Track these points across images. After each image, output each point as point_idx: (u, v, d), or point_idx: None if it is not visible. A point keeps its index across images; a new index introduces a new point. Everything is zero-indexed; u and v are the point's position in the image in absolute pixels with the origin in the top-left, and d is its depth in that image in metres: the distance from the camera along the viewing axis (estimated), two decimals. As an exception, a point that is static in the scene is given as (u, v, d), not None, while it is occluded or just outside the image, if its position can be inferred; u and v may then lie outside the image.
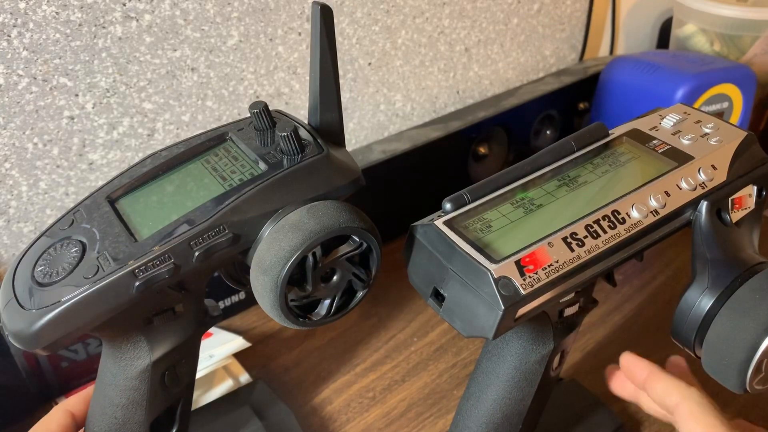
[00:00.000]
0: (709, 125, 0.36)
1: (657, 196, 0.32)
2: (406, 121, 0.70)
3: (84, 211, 0.32)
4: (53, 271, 0.30)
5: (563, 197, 0.33)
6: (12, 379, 0.48)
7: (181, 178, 0.34)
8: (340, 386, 0.52)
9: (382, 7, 0.62)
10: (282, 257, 0.31)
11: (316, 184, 0.33)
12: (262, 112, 0.34)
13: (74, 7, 0.46)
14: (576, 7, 0.80)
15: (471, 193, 0.32)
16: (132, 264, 0.29)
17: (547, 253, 0.29)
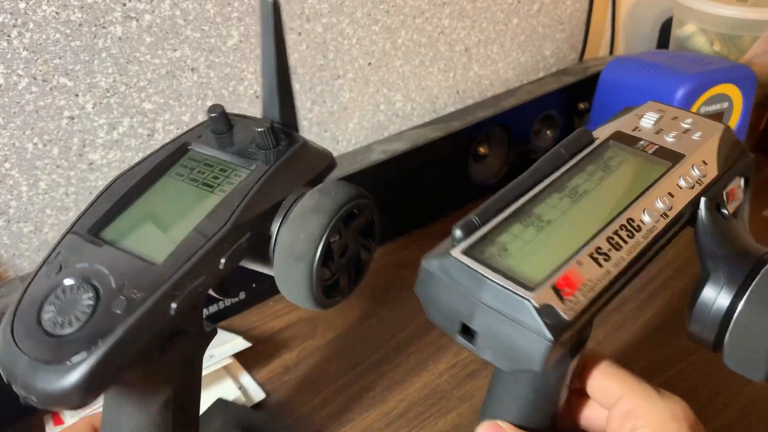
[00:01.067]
0: (687, 121, 0.35)
1: (663, 199, 0.31)
2: (406, 121, 0.70)
3: (67, 252, 0.29)
4: (69, 318, 0.27)
5: (570, 210, 0.32)
6: (12, 379, 0.48)
7: (162, 196, 0.32)
8: (340, 386, 0.52)
9: (382, 7, 0.62)
10: (314, 239, 0.31)
11: (304, 171, 0.34)
12: (221, 115, 0.34)
13: (74, 7, 0.46)
14: (576, 7, 0.80)
15: (480, 216, 0.30)
16: (164, 287, 0.28)
17: (579, 273, 0.28)
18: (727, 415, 0.47)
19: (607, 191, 0.32)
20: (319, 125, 0.63)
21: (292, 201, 0.33)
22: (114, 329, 0.26)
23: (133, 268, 0.28)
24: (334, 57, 0.61)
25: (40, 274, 0.29)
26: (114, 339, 0.26)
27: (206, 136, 0.34)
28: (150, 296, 0.27)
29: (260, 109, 0.60)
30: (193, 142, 0.34)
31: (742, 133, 0.66)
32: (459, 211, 0.71)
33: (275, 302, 0.60)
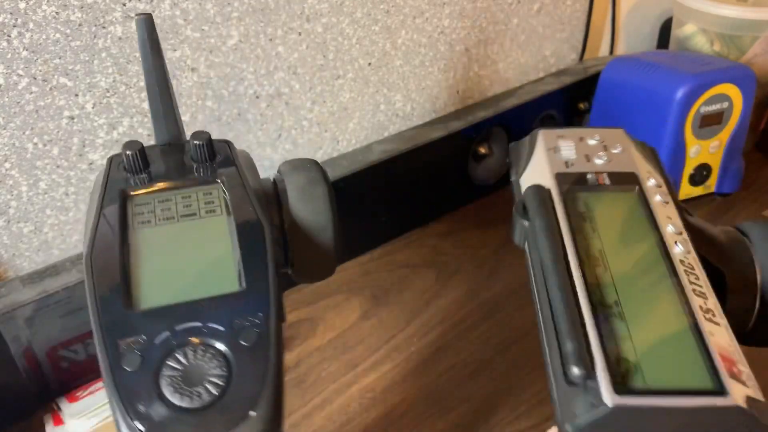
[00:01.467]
0: (594, 137, 0.35)
1: (668, 224, 0.30)
2: (406, 121, 0.70)
3: (131, 337, 0.25)
4: (208, 380, 0.24)
5: (617, 279, 0.28)
6: (12, 379, 0.48)
7: (153, 247, 0.30)
8: (340, 386, 0.52)
9: (382, 7, 0.62)
10: (327, 206, 0.33)
11: (250, 161, 0.35)
12: (141, 152, 0.32)
13: (74, 7, 0.46)
14: (576, 7, 0.80)
15: (578, 339, 0.24)
16: (272, 302, 0.27)
17: (720, 343, 0.24)
18: None
19: (622, 243, 0.30)
20: (319, 125, 0.63)
21: (272, 188, 0.33)
22: (266, 356, 0.25)
23: (222, 305, 0.26)
24: (334, 57, 0.61)
25: (122, 377, 0.24)
26: (272, 365, 0.25)
27: (133, 178, 0.32)
28: (265, 314, 0.26)
29: (260, 109, 0.60)
30: (127, 188, 0.32)
31: (743, 133, 0.66)
32: (459, 211, 0.71)
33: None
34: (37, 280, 0.48)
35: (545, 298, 0.27)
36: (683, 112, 0.63)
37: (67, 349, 0.49)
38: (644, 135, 0.67)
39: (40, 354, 0.48)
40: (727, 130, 0.65)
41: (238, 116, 0.57)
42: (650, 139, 0.66)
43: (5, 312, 0.45)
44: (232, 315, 0.26)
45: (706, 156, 0.66)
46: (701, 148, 0.65)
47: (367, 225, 0.65)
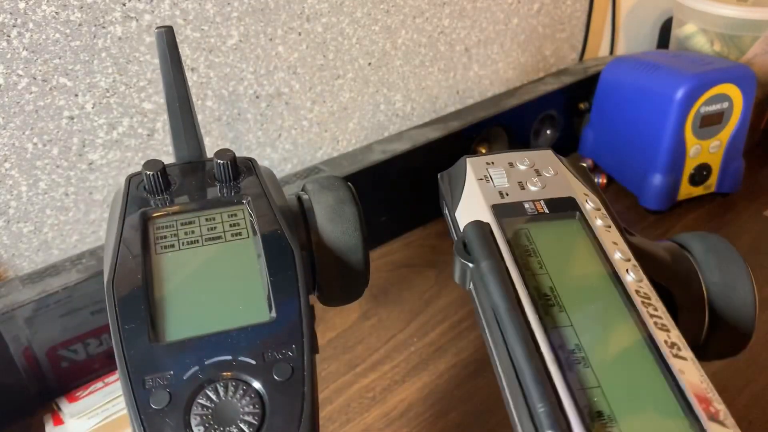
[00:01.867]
0: (523, 162, 0.33)
1: (615, 251, 0.28)
2: (406, 121, 0.70)
3: (160, 372, 0.24)
4: (236, 426, 0.23)
5: (576, 320, 0.26)
6: (12, 379, 0.48)
7: (177, 273, 0.28)
8: (340, 386, 0.52)
9: (382, 7, 0.62)
10: (356, 227, 0.31)
11: (274, 179, 0.34)
12: (163, 171, 0.31)
13: (74, 7, 0.46)
14: (576, 7, 0.79)
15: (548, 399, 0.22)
16: (305, 332, 0.25)
17: (692, 382, 0.24)
18: (727, 415, 0.47)
19: (572, 277, 0.28)
20: (319, 125, 0.63)
21: (298, 209, 0.32)
22: (302, 391, 0.23)
23: (252, 336, 0.25)
24: (334, 57, 0.61)
25: (150, 416, 0.23)
26: (308, 400, 0.23)
27: (154, 199, 0.31)
28: (299, 346, 0.25)
29: (260, 109, 0.60)
30: (146, 210, 0.30)
31: (743, 133, 0.66)
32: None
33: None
34: (36, 280, 0.48)
35: (504, 351, 0.25)
36: (683, 112, 0.62)
37: (66, 349, 0.49)
38: (644, 135, 0.67)
39: (40, 354, 0.48)
40: (727, 130, 0.65)
41: (238, 116, 0.57)
42: (650, 139, 0.66)
43: (5, 312, 0.45)
44: (264, 347, 0.24)
45: (707, 156, 0.66)
46: (701, 148, 0.65)
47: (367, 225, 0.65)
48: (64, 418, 0.48)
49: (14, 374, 0.47)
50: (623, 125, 0.70)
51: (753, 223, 0.67)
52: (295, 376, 0.24)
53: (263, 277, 0.27)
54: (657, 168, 0.66)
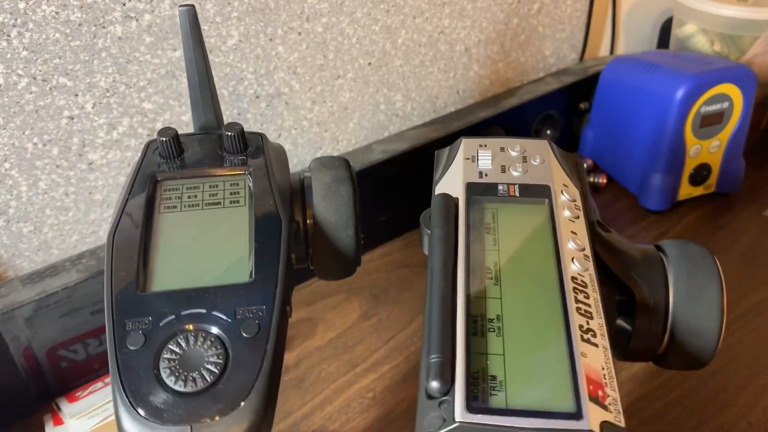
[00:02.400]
0: (516, 148, 0.34)
1: (574, 240, 0.29)
2: (406, 121, 0.70)
3: (138, 317, 0.26)
4: (205, 368, 0.25)
5: (506, 295, 0.27)
6: (12, 379, 0.48)
7: (175, 232, 0.30)
8: (340, 386, 0.52)
9: (382, 7, 0.62)
10: (350, 205, 0.33)
11: (282, 156, 0.35)
12: (175, 138, 0.33)
13: (74, 7, 0.46)
14: (576, 7, 0.79)
15: (441, 352, 0.24)
16: (278, 294, 0.27)
17: (591, 365, 0.24)
18: (727, 415, 0.47)
19: (521, 258, 0.29)
20: (319, 125, 0.63)
21: (299, 184, 0.34)
22: (264, 349, 0.25)
23: (228, 295, 0.27)
24: (334, 57, 0.61)
25: (125, 354, 0.25)
26: (269, 358, 0.25)
27: (166, 163, 0.33)
28: (269, 307, 0.26)
29: (260, 109, 0.60)
30: (157, 173, 0.32)
31: (743, 133, 0.66)
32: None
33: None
34: (36, 280, 0.48)
35: (427, 309, 0.26)
36: (683, 112, 0.62)
37: (66, 349, 0.49)
38: (644, 135, 0.67)
39: (40, 354, 0.48)
40: (727, 130, 0.65)
41: (238, 116, 0.57)
42: (650, 139, 0.66)
43: (5, 312, 0.45)
44: (237, 305, 0.26)
45: (707, 156, 0.66)
46: (701, 148, 0.65)
47: (367, 225, 0.65)
48: (64, 418, 0.48)
49: (14, 374, 0.47)
50: (623, 125, 0.70)
51: (753, 223, 0.67)
52: (260, 334, 0.25)
53: (250, 242, 0.29)
54: (657, 168, 0.66)
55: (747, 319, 0.55)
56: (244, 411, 0.24)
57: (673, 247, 0.32)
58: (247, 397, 0.24)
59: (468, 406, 0.23)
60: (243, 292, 0.27)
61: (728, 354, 0.52)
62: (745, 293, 0.58)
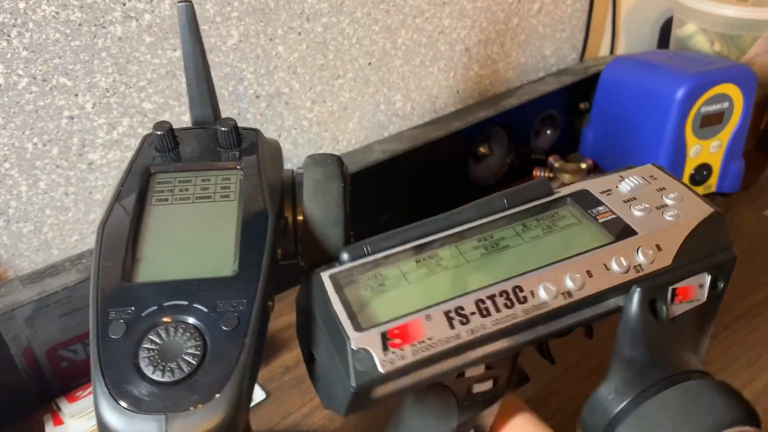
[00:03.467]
0: (672, 195, 0.31)
1: (575, 276, 0.27)
2: (406, 121, 0.70)
3: (121, 306, 0.27)
4: (183, 359, 0.25)
5: (475, 261, 0.28)
6: (12, 379, 0.48)
7: (165, 225, 0.30)
8: (340, 386, 0.52)
9: (382, 7, 0.62)
10: (339, 202, 0.33)
11: (276, 153, 0.36)
12: (170, 132, 0.33)
13: (74, 7, 0.46)
14: (576, 7, 0.79)
15: (372, 245, 0.28)
16: (259, 289, 0.27)
17: (422, 328, 0.25)
18: None
19: (528, 252, 0.29)
20: (319, 125, 0.63)
21: (291, 180, 0.34)
22: (242, 342, 0.25)
23: (211, 288, 0.27)
24: (334, 57, 0.61)
25: (106, 343, 0.26)
26: (246, 351, 0.25)
27: (161, 157, 0.33)
28: (250, 302, 0.27)
29: (260, 109, 0.60)
30: (151, 166, 0.33)
31: (743, 133, 0.66)
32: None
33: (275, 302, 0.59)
34: (36, 280, 0.48)
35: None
36: (683, 112, 0.62)
37: (66, 349, 0.49)
38: (644, 135, 0.67)
39: (40, 354, 0.48)
40: (727, 130, 0.65)
41: (238, 116, 0.57)
42: (650, 139, 0.66)
43: (5, 312, 0.45)
44: (219, 298, 0.27)
45: (707, 156, 0.66)
46: (701, 148, 0.65)
47: (367, 225, 0.65)
48: (64, 418, 0.48)
49: (14, 374, 0.47)
50: (623, 125, 0.70)
51: (753, 223, 0.67)
52: (239, 327, 0.26)
53: (236, 237, 0.29)
54: (657, 168, 0.66)
55: (747, 319, 0.55)
56: (219, 402, 0.24)
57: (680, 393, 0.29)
58: (222, 389, 0.24)
59: (335, 275, 0.28)
60: (225, 285, 0.27)
61: (728, 354, 0.52)
62: (745, 293, 0.58)
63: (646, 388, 0.27)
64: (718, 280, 0.29)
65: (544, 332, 0.27)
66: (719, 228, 0.29)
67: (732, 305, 0.57)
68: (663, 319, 0.28)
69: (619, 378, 0.28)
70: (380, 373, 0.24)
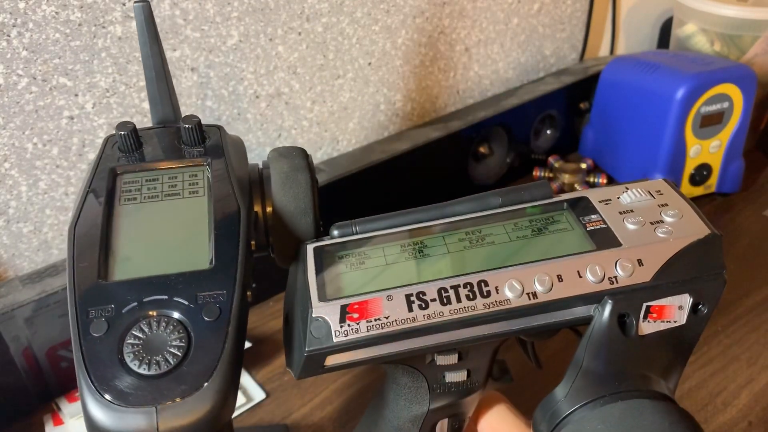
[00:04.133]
0: (672, 212, 0.30)
1: (544, 278, 0.27)
2: (406, 121, 0.70)
3: (102, 304, 0.27)
4: (168, 352, 0.25)
5: (456, 252, 0.29)
6: (12, 379, 0.48)
7: (136, 223, 0.31)
8: (340, 386, 0.52)
9: (382, 7, 0.62)
10: (308, 192, 0.33)
11: (240, 148, 0.36)
12: (133, 132, 0.33)
13: (74, 7, 0.46)
14: (576, 7, 0.79)
15: (361, 225, 0.30)
16: (238, 278, 0.28)
17: (381, 306, 0.27)
18: (727, 415, 0.47)
19: (510, 251, 0.29)
20: (319, 125, 0.63)
21: (257, 174, 0.34)
22: (226, 331, 0.26)
23: (189, 281, 0.28)
24: (334, 57, 0.61)
25: (90, 341, 0.26)
26: (231, 340, 0.26)
27: (125, 157, 0.33)
28: (230, 292, 0.27)
29: (260, 109, 0.60)
30: (117, 167, 0.33)
31: (743, 133, 0.66)
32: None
33: (275, 302, 0.60)
34: (36, 280, 0.48)
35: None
36: (683, 112, 0.62)
37: (66, 349, 0.49)
38: (644, 135, 0.67)
39: (40, 354, 0.48)
40: (727, 130, 0.65)
41: (238, 116, 0.57)
42: (650, 139, 0.66)
43: (5, 312, 0.45)
44: (198, 291, 0.27)
45: (707, 156, 0.66)
46: (701, 148, 0.65)
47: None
48: (64, 418, 0.48)
49: (14, 374, 0.47)
50: (623, 125, 0.70)
51: (753, 223, 0.67)
52: (221, 318, 0.26)
53: (209, 230, 0.30)
54: (657, 168, 0.66)
55: (747, 319, 0.55)
56: (208, 391, 0.25)
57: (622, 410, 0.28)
58: (210, 378, 0.25)
59: (320, 248, 0.30)
60: (204, 278, 0.28)
61: (728, 354, 0.52)
62: (746, 293, 0.58)
63: (593, 399, 0.27)
64: (701, 304, 0.28)
65: (506, 329, 0.28)
66: (713, 251, 0.28)
67: (732, 305, 0.57)
68: (631, 335, 0.28)
69: (572, 384, 0.28)
70: (333, 343, 0.26)
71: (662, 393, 0.28)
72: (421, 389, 0.32)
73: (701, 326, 0.29)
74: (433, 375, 0.31)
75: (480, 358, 0.32)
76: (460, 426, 0.35)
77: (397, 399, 0.33)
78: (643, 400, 0.27)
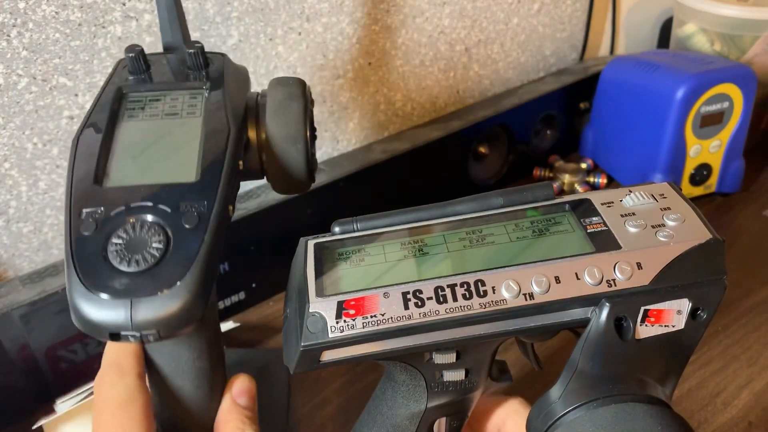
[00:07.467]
0: (674, 216, 0.29)
1: (541, 279, 0.27)
2: (406, 121, 0.70)
3: (93, 206, 0.29)
4: (147, 251, 0.27)
5: (455, 252, 0.29)
6: (11, 379, 0.48)
7: (135, 137, 0.33)
8: (340, 386, 0.52)
9: (382, 7, 0.62)
10: (302, 120, 0.35)
11: (242, 75, 0.38)
12: (140, 54, 0.35)
13: (74, 7, 0.46)
14: (576, 7, 0.79)
15: (362, 222, 0.31)
16: (220, 191, 0.30)
17: (377, 303, 0.27)
18: (727, 415, 0.47)
19: (509, 251, 0.29)
20: (319, 125, 0.63)
21: (254, 102, 0.36)
22: (202, 238, 0.28)
23: (174, 192, 0.30)
24: (334, 57, 0.61)
25: (79, 238, 0.28)
26: (206, 246, 0.28)
27: (133, 78, 0.35)
28: (210, 203, 0.29)
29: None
30: (124, 86, 0.35)
31: (743, 133, 0.66)
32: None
33: (275, 302, 0.60)
34: (36, 280, 0.48)
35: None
36: (683, 112, 0.62)
37: (65, 349, 0.49)
38: (644, 135, 0.67)
39: (39, 354, 0.48)
40: (727, 130, 0.65)
41: (238, 116, 0.57)
42: (650, 139, 0.66)
43: (4, 312, 0.45)
44: (182, 200, 0.29)
45: (707, 156, 0.66)
46: (701, 148, 0.65)
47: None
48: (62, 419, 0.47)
49: (13, 374, 0.47)
50: (623, 125, 0.70)
51: (753, 223, 0.67)
52: (200, 225, 0.28)
53: (200, 148, 0.32)
54: (657, 168, 0.66)
55: (747, 319, 0.55)
56: (180, 289, 0.27)
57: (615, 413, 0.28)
58: (183, 278, 0.27)
59: (320, 244, 0.30)
60: (188, 189, 0.30)
61: (728, 354, 0.52)
62: (745, 293, 0.58)
63: (587, 402, 0.27)
64: (700, 309, 0.28)
65: (502, 330, 0.28)
66: (714, 256, 0.28)
67: (732, 305, 0.57)
68: (628, 339, 0.28)
69: (567, 385, 0.28)
70: (328, 338, 0.27)
71: (657, 397, 0.28)
72: (419, 387, 0.32)
73: (700, 331, 0.28)
74: (431, 373, 0.32)
75: (478, 358, 0.32)
76: (459, 425, 0.35)
77: (395, 396, 0.33)
78: (636, 404, 0.27)
